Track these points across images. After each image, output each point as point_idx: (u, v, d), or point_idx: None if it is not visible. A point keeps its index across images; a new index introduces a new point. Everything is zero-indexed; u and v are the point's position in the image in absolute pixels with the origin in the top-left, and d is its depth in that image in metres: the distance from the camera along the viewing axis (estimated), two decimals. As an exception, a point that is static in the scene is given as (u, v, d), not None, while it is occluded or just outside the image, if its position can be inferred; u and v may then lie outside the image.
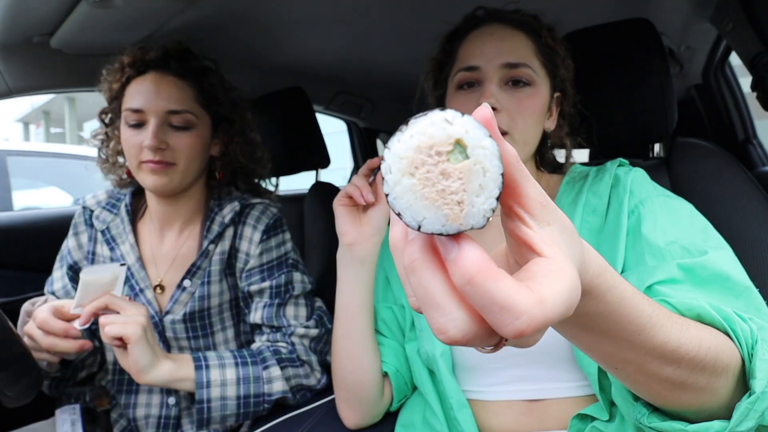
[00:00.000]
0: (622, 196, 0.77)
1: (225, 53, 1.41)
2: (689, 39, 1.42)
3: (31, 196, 3.70)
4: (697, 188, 1.01)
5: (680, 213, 0.73)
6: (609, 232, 0.77)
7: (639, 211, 0.74)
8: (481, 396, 0.79)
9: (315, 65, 1.59)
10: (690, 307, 0.53)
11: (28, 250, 1.62)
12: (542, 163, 0.93)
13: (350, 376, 0.86)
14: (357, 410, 0.88)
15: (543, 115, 0.84)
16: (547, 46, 0.84)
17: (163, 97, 0.99)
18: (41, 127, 18.95)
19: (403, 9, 1.21)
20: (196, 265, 1.06)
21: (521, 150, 0.80)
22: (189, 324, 1.06)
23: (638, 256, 0.70)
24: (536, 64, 0.82)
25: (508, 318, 0.26)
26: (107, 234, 1.09)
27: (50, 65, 1.20)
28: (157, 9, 1.04)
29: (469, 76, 0.82)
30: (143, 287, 1.06)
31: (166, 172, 0.99)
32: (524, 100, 0.80)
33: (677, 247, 0.67)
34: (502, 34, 0.82)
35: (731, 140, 1.66)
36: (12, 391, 0.87)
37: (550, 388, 0.76)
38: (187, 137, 1.01)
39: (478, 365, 0.79)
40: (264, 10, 1.18)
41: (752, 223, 0.97)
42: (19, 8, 0.96)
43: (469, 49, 0.84)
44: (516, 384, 0.77)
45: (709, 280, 0.61)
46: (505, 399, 0.78)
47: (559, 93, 0.88)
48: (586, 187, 0.84)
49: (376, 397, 0.87)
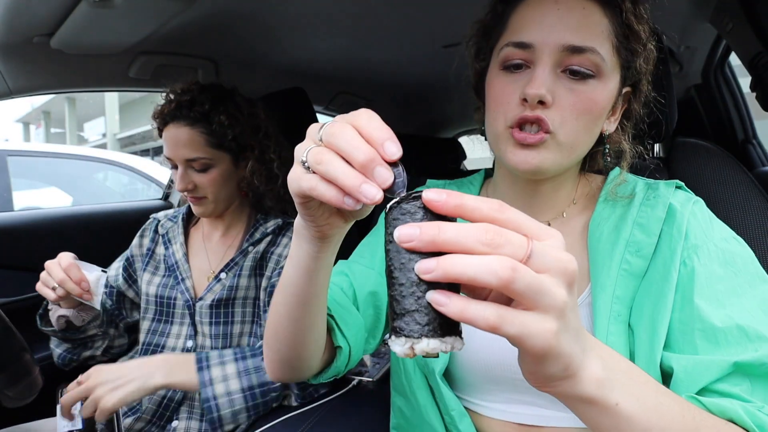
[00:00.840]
0: (676, 242, 0.65)
1: (225, 54, 1.41)
2: (689, 39, 1.42)
3: (31, 196, 3.70)
4: (697, 188, 1.01)
5: (739, 269, 0.63)
6: (654, 282, 0.65)
7: (692, 265, 0.63)
8: (477, 409, 0.77)
9: (315, 65, 1.59)
10: (723, 410, 0.51)
11: (28, 250, 1.62)
12: (590, 168, 0.79)
13: (286, 349, 0.66)
14: (285, 372, 0.70)
15: (603, 115, 0.68)
16: (627, 25, 0.65)
17: (180, 147, 1.13)
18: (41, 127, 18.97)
19: (404, 9, 1.21)
20: (234, 260, 1.20)
21: (564, 156, 0.66)
22: (214, 310, 1.16)
23: (686, 326, 0.61)
24: (607, 48, 0.64)
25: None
26: (165, 237, 1.28)
27: (50, 65, 1.20)
28: (157, 9, 1.05)
29: (518, 55, 0.65)
30: (185, 277, 1.22)
31: (201, 204, 1.18)
32: (583, 94, 0.64)
33: (735, 329, 0.58)
34: (570, 4, 0.64)
35: (731, 140, 1.66)
36: (12, 391, 0.87)
37: (549, 416, 0.71)
38: (209, 176, 1.16)
39: (476, 383, 0.75)
40: (264, 11, 1.18)
41: (752, 223, 0.97)
42: (19, 8, 0.96)
43: (523, 19, 0.66)
44: (512, 405, 0.73)
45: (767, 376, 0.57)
46: (499, 418, 0.74)
47: (629, 88, 0.72)
48: (631, 214, 0.70)
49: (311, 368, 0.71)
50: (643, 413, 0.43)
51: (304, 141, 0.46)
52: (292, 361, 0.66)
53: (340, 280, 0.78)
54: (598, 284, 0.68)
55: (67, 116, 16.05)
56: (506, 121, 0.67)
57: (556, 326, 0.35)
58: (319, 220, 0.50)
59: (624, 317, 0.66)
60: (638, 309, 0.66)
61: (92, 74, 1.31)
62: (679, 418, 0.46)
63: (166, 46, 1.27)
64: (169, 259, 1.24)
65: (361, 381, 1.23)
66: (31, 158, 3.35)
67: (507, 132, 0.67)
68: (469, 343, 0.74)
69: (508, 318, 0.34)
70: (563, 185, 0.76)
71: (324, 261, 0.56)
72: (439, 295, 0.35)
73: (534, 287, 0.34)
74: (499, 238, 0.34)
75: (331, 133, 0.41)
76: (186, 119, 1.13)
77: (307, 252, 0.54)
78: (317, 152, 0.42)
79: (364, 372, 1.27)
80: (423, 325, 0.36)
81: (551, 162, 0.66)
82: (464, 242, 0.34)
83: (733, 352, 0.58)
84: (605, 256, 0.69)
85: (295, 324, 0.61)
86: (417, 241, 0.35)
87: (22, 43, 1.10)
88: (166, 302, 1.21)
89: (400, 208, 0.38)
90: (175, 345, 1.19)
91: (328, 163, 0.41)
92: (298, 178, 0.44)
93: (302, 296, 0.59)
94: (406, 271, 0.36)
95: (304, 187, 0.43)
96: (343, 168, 0.40)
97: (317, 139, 0.44)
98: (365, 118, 0.42)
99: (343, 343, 0.70)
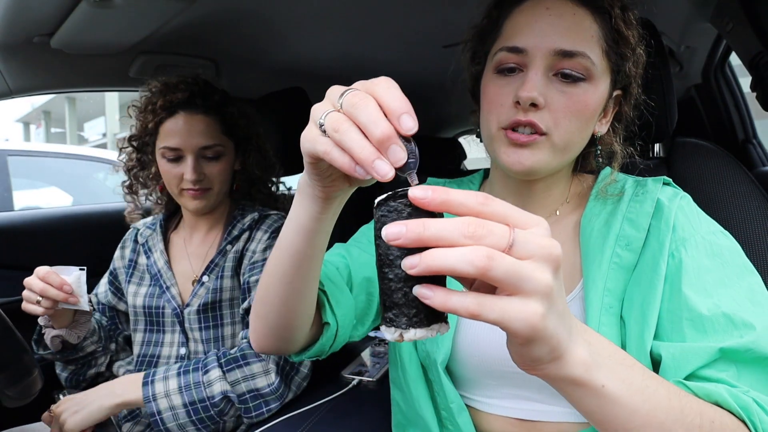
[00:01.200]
0: (664, 235, 0.67)
1: (225, 53, 1.41)
2: (689, 39, 1.42)
3: (31, 196, 3.70)
4: (697, 188, 1.01)
5: (726, 260, 0.65)
6: (643, 274, 0.68)
7: (680, 256, 0.65)
8: (476, 405, 0.77)
9: (315, 65, 1.59)
10: (708, 393, 0.53)
11: (28, 250, 1.62)
12: (582, 168, 0.81)
13: (274, 315, 0.65)
14: (270, 342, 0.69)
15: (595, 117, 0.70)
16: (617, 30, 0.68)
17: (195, 135, 1.12)
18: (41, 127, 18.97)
19: (404, 9, 1.21)
20: (214, 262, 1.19)
21: (557, 157, 0.69)
22: (202, 315, 1.16)
23: (675, 315, 0.63)
24: (597, 53, 0.67)
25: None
26: (146, 245, 1.27)
27: (50, 65, 1.20)
28: (157, 9, 1.04)
29: (511, 59, 0.68)
30: (170, 285, 1.21)
31: (205, 197, 1.16)
32: (575, 97, 0.66)
33: (721, 317, 0.60)
34: (561, 10, 0.66)
35: (731, 140, 1.66)
36: (12, 391, 0.87)
37: (548, 411, 0.72)
38: (219, 165, 1.17)
39: (475, 378, 0.76)
40: (264, 11, 1.18)
41: (752, 223, 0.97)
42: (19, 8, 0.96)
43: (517, 25, 0.69)
44: (511, 401, 0.74)
45: (754, 362, 0.58)
46: (498, 414, 0.75)
47: (620, 91, 0.74)
48: (620, 209, 0.72)
49: (297, 340, 0.69)
50: (629, 396, 0.45)
51: (323, 102, 0.46)
52: (278, 330, 0.66)
53: (336, 260, 0.78)
54: (589, 278, 0.70)
55: (67, 116, 16.06)
56: (499, 123, 0.69)
57: (541, 309, 0.37)
58: (325, 181, 0.51)
59: (615, 309, 0.68)
60: (629, 301, 0.68)
61: (92, 74, 1.31)
62: (665, 401, 0.47)
63: (166, 46, 1.27)
64: (152, 268, 1.23)
65: (361, 381, 1.23)
66: (32, 158, 3.35)
67: (500, 133, 0.69)
68: (469, 338, 0.75)
69: (487, 305, 0.36)
70: (556, 185, 0.78)
71: (323, 223, 0.56)
72: (424, 290, 0.37)
73: (513, 273, 0.36)
74: (480, 230, 0.36)
75: (352, 103, 0.41)
76: (201, 108, 1.13)
77: (308, 211, 0.55)
78: (336, 119, 0.42)
79: (364, 372, 1.27)
80: (410, 317, 0.39)
81: (545, 163, 0.68)
82: (448, 236, 0.36)
83: (719, 339, 0.59)
84: (596, 250, 0.71)
85: (287, 287, 0.61)
86: (403, 239, 0.36)
87: (22, 43, 1.10)
88: (154, 312, 1.20)
89: (387, 205, 0.39)
90: (170, 353, 1.19)
91: (345, 132, 0.41)
92: (314, 140, 0.44)
93: (297, 257, 0.58)
94: (394, 267, 0.38)
95: (319, 150, 0.44)
96: (360, 141, 0.40)
97: (337, 104, 0.43)
98: (384, 87, 0.42)
99: (331, 320, 0.69)
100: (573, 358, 0.42)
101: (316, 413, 1.08)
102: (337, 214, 0.58)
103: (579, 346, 0.42)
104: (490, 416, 0.76)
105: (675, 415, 0.47)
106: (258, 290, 0.66)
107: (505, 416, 0.74)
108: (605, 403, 0.44)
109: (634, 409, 0.45)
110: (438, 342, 0.76)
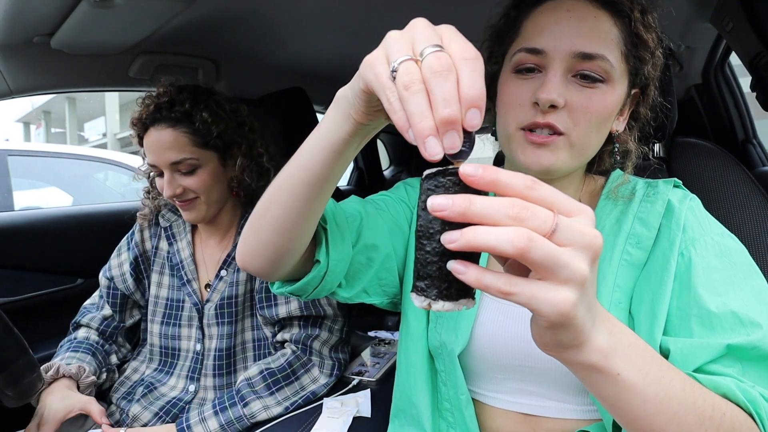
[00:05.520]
0: (675, 235, 0.68)
1: (226, 53, 1.41)
2: (689, 39, 1.42)
3: (31, 196, 3.70)
4: (697, 188, 1.01)
5: (734, 261, 0.66)
6: (653, 272, 0.68)
7: (690, 256, 0.66)
8: (482, 399, 0.78)
9: (316, 65, 1.59)
10: (716, 385, 0.54)
11: (28, 250, 1.62)
12: (597, 167, 0.81)
13: (269, 229, 0.63)
14: (256, 261, 0.67)
15: (612, 117, 0.71)
16: (636, 34, 0.69)
17: (164, 151, 1.08)
18: (41, 127, 18.96)
19: (405, 9, 1.21)
20: (231, 256, 1.19)
21: (576, 157, 0.69)
22: (220, 310, 1.17)
23: (684, 312, 0.64)
24: (616, 55, 0.67)
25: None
26: (169, 231, 1.23)
27: (50, 65, 1.20)
28: (157, 9, 1.05)
29: (530, 60, 0.68)
30: (191, 279, 1.20)
31: (193, 206, 1.13)
32: (593, 98, 0.67)
33: (729, 315, 0.61)
34: (581, 12, 0.67)
35: (731, 140, 1.66)
36: (12, 391, 0.87)
37: (552, 407, 0.72)
38: (197, 177, 1.11)
39: (483, 371, 0.77)
40: (264, 11, 1.18)
41: (752, 223, 0.97)
42: (19, 8, 0.96)
43: (537, 26, 0.69)
44: (516, 396, 0.75)
45: (759, 360, 0.59)
46: (503, 408, 0.76)
47: (638, 90, 0.75)
48: (632, 209, 0.74)
49: (284, 266, 0.67)
50: (645, 385, 0.45)
51: (404, 36, 0.42)
52: (267, 250, 0.64)
53: (350, 210, 0.76)
54: (600, 273, 0.71)
55: (68, 116, 16.06)
56: (518, 123, 0.69)
57: (573, 298, 0.37)
58: (369, 109, 0.48)
59: (624, 305, 0.69)
60: (638, 297, 0.69)
61: (92, 74, 1.31)
62: (679, 392, 0.48)
63: (166, 46, 1.27)
64: (174, 257, 1.21)
65: (361, 381, 1.23)
66: (32, 158, 3.34)
67: (519, 133, 0.70)
68: (489, 332, 0.75)
69: (519, 286, 0.37)
70: (570, 184, 0.79)
71: (348, 147, 0.54)
72: (459, 265, 0.38)
73: (551, 259, 0.36)
74: (525, 212, 0.36)
75: (434, 69, 0.38)
76: (167, 121, 1.08)
77: (337, 129, 0.53)
78: (411, 76, 0.39)
79: (364, 372, 1.27)
80: (441, 289, 0.40)
81: (563, 162, 0.69)
82: (493, 214, 0.36)
83: (727, 336, 0.60)
84: (607, 247, 0.72)
85: (291, 204, 0.60)
86: (449, 211, 0.36)
87: (22, 43, 1.10)
88: (174, 305, 1.20)
89: (436, 179, 0.39)
90: (188, 347, 1.19)
91: (413, 94, 0.38)
92: (380, 81, 0.41)
93: (311, 174, 0.57)
94: (432, 240, 0.39)
95: (381, 94, 0.41)
96: (424, 111, 0.38)
97: (418, 52, 0.40)
98: (470, 68, 0.38)
99: (323, 258, 0.68)
100: (593, 346, 0.42)
101: (316, 413, 1.08)
102: (365, 143, 0.56)
103: (601, 334, 0.43)
104: (495, 410, 0.76)
105: (688, 405, 0.48)
106: (260, 203, 0.64)
107: (509, 410, 0.75)
108: (620, 390, 0.45)
109: (648, 397, 0.46)
110: (457, 332, 0.76)
